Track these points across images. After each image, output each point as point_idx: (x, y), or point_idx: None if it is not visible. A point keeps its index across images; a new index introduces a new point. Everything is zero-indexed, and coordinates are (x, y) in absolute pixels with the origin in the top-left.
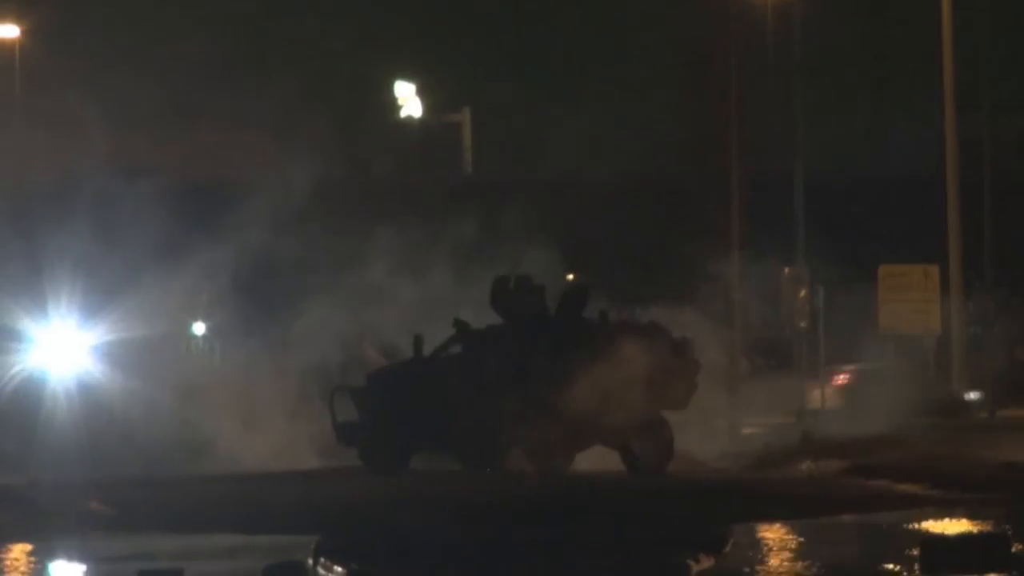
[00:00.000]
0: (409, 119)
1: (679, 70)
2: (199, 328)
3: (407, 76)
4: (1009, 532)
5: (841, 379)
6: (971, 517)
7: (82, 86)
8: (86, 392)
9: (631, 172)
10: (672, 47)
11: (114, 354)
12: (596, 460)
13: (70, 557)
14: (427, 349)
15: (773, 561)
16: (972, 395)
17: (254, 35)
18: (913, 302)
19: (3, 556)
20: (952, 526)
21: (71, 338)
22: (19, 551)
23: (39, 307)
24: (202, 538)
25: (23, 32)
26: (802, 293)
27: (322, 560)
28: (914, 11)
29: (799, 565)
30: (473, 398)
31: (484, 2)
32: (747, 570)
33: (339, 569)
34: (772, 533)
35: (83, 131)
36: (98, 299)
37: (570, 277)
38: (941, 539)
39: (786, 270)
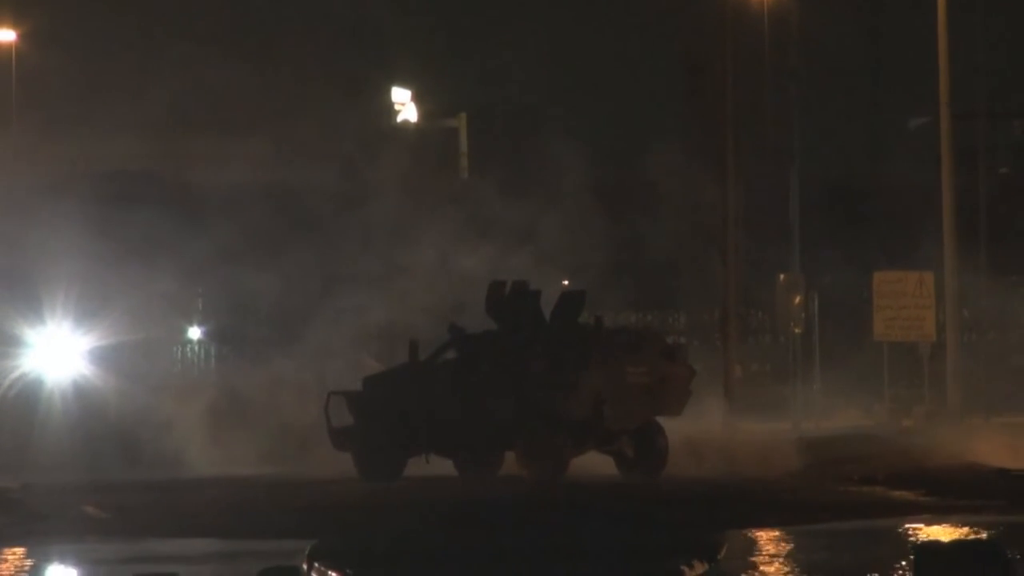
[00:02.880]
0: (405, 124)
1: (675, 76)
2: (195, 333)
3: (403, 82)
4: (1003, 539)
5: None
6: (965, 524)
7: (78, 89)
8: (81, 396)
9: (627, 177)
10: (668, 53)
11: (109, 358)
12: (590, 465)
13: (65, 561)
14: (423, 354)
15: (767, 568)
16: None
17: (249, 39)
18: (908, 309)
19: None
20: (946, 533)
21: (67, 343)
22: (14, 555)
23: (35, 312)
24: (197, 542)
25: (19, 36)
26: (797, 299)
27: (316, 565)
28: (912, 18)
29: (793, 572)
30: (468, 403)
31: (480, 8)
32: None
33: (333, 574)
34: (766, 539)
35: (79, 135)
36: (93, 304)
37: (565, 283)
38: (935, 546)
39: (781, 276)
